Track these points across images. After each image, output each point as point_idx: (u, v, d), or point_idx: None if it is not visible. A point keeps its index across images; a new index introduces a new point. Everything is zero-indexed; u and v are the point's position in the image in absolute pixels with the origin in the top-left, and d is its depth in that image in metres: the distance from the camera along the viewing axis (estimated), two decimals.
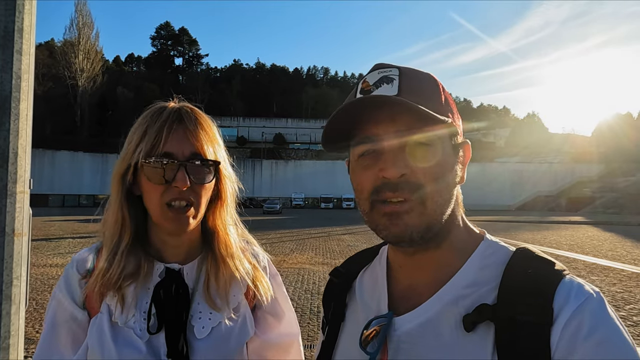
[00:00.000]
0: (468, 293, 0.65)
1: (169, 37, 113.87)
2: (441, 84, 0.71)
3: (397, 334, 0.68)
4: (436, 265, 0.70)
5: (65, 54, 69.13)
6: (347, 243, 15.47)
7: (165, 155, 0.90)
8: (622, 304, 7.02)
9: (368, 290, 0.80)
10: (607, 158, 68.15)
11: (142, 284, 0.95)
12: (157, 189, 0.91)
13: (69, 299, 0.95)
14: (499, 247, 0.70)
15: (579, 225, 27.35)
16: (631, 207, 46.33)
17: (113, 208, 0.96)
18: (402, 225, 0.64)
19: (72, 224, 24.34)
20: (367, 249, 0.91)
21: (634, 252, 13.78)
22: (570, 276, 0.63)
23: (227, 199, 1.04)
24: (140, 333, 0.91)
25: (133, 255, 0.95)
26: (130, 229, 0.96)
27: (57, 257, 11.57)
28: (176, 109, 0.96)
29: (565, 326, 0.57)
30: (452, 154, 0.68)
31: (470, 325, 0.62)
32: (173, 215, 0.91)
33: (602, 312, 0.58)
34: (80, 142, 67.33)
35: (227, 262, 1.02)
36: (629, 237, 19.02)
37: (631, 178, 58.07)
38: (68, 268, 0.99)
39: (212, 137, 0.98)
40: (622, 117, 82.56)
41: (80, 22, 71.04)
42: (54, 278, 8.67)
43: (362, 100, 0.65)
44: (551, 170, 68.57)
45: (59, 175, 61.55)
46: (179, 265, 0.99)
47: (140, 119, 0.96)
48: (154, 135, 0.91)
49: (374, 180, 0.66)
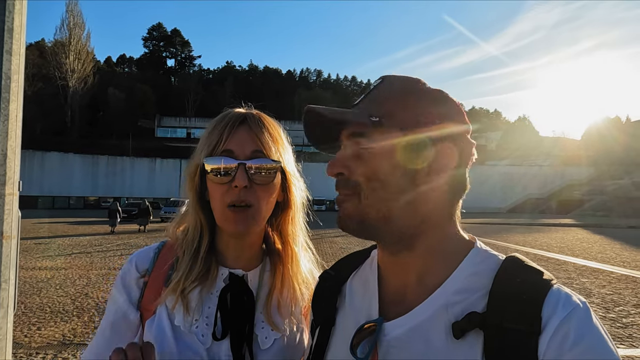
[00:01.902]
0: (458, 300, 0.66)
1: (161, 38, 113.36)
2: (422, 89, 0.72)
3: (387, 339, 0.68)
4: (420, 269, 0.71)
5: (56, 54, 68.51)
6: (339, 245, 15.47)
7: (225, 153, 0.89)
8: (612, 306, 7.09)
9: (358, 294, 0.80)
10: (597, 161, 68.95)
11: (208, 288, 0.92)
12: (218, 188, 0.89)
13: (125, 296, 0.93)
14: (489, 255, 0.71)
15: (569, 228, 27.63)
16: (619, 209, 46.93)
17: (191, 211, 0.95)
18: (341, 212, 0.71)
19: (62, 226, 24.09)
20: (357, 251, 0.90)
21: (623, 254, 13.95)
22: (558, 286, 0.64)
23: (294, 206, 1.00)
24: (202, 339, 0.88)
25: (207, 259, 0.94)
26: (208, 233, 0.95)
27: (46, 259, 11.42)
28: (242, 112, 0.95)
29: (553, 335, 0.58)
30: (405, 158, 0.68)
31: (459, 332, 0.62)
32: (233, 216, 0.89)
33: (587, 322, 0.60)
34: (71, 143, 66.60)
35: (293, 280, 1.00)
36: (618, 239, 19.26)
37: (619, 181, 58.87)
38: (127, 265, 0.97)
39: (276, 138, 0.95)
40: (611, 121, 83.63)
41: (71, 22, 70.49)
42: (43, 281, 8.55)
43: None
44: (541, 173, 69.21)
45: (49, 177, 60.76)
46: (243, 271, 0.97)
47: (209, 124, 0.96)
48: (217, 135, 0.90)
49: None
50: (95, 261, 11.29)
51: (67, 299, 7.12)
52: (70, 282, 8.48)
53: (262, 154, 0.91)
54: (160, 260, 0.96)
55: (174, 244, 0.98)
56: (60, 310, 6.47)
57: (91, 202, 62.85)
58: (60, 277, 9.04)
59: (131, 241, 16.59)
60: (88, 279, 8.89)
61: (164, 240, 1.02)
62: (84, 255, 12.41)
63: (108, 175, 64.92)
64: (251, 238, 0.97)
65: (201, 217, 0.94)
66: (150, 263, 0.96)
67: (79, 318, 6.05)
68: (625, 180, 58.79)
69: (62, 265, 10.57)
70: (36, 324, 5.73)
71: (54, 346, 4.94)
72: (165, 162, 68.58)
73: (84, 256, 12.15)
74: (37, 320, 5.89)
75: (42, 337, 5.24)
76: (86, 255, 12.42)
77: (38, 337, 5.24)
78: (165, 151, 71.58)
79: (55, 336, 5.27)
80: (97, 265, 10.59)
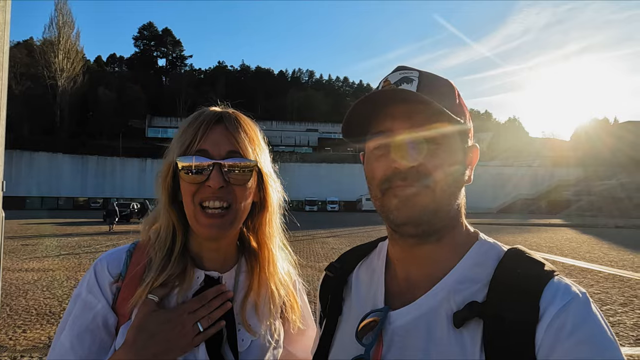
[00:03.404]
0: (460, 289, 0.67)
1: (152, 37, 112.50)
2: (457, 89, 0.74)
3: (391, 327, 0.70)
4: (432, 260, 0.72)
5: (45, 53, 67.70)
6: (331, 246, 15.46)
7: (200, 153, 0.87)
8: (599, 305, 7.17)
9: (364, 284, 0.81)
10: (585, 162, 69.78)
11: (184, 291, 0.90)
12: (190, 187, 0.87)
13: (104, 301, 0.88)
14: (493, 246, 0.73)
15: (558, 228, 27.92)
16: (607, 210, 47.50)
17: (163, 211, 0.93)
18: (411, 206, 0.67)
19: (50, 227, 23.75)
20: (362, 244, 0.91)
21: (611, 254, 14.13)
22: (559, 277, 0.65)
23: (271, 208, 0.99)
24: None
25: (181, 261, 0.91)
26: (182, 233, 0.93)
27: (33, 261, 11.26)
28: (217, 111, 0.92)
29: (550, 325, 0.59)
30: (461, 154, 0.72)
31: (460, 321, 0.63)
32: (207, 220, 0.87)
33: (586, 312, 0.60)
34: (60, 143, 65.80)
35: (269, 281, 0.99)
36: (606, 239, 19.50)
37: (607, 182, 59.65)
38: (98, 269, 0.91)
39: (252, 138, 0.93)
40: (599, 122, 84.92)
41: (61, 21, 69.74)
42: (29, 283, 8.42)
43: (384, 92, 0.68)
44: (531, 174, 69.85)
45: (37, 177, 59.96)
46: (218, 273, 0.95)
47: (182, 122, 0.94)
48: (191, 134, 0.88)
49: (385, 169, 0.69)
50: (84, 262, 11.14)
51: (54, 301, 7.02)
52: (58, 284, 8.36)
53: (238, 154, 0.89)
54: (133, 263, 0.92)
55: (145, 244, 0.95)
56: (47, 312, 6.37)
57: (80, 202, 62.14)
58: (47, 278, 8.90)
59: (120, 242, 16.39)
60: (76, 280, 8.75)
61: (135, 242, 0.98)
62: (72, 256, 12.25)
63: (98, 175, 64.32)
64: (226, 240, 0.95)
65: (174, 218, 0.92)
66: (123, 266, 0.92)
67: None
68: (613, 180, 59.60)
69: (50, 266, 10.42)
70: (22, 327, 5.63)
71: (39, 349, 4.86)
72: (156, 163, 67.94)
73: (72, 257, 12.00)
74: (22, 323, 5.80)
75: (27, 339, 5.16)
76: (74, 256, 12.26)
77: (23, 339, 5.15)
78: (156, 151, 70.88)
79: (41, 339, 5.19)
80: (86, 267, 10.40)
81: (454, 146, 0.70)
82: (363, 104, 0.69)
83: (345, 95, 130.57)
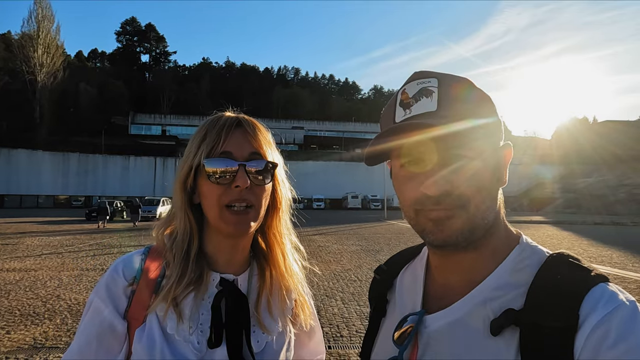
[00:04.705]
0: (497, 295, 0.66)
1: (135, 32, 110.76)
2: (479, 88, 0.71)
3: (427, 331, 0.70)
4: (470, 266, 0.71)
5: (23, 47, 66.05)
6: (317, 244, 15.49)
7: (224, 154, 0.90)
8: None
9: (407, 288, 0.82)
10: (566, 160, 71.34)
11: (201, 294, 0.91)
12: (216, 189, 0.89)
13: (111, 307, 0.89)
14: (534, 250, 0.70)
15: (539, 225, 28.47)
16: (588, 207, 48.64)
17: (180, 215, 0.94)
18: (448, 231, 0.66)
19: (30, 226, 23.24)
20: (408, 247, 0.93)
21: (590, 249, 14.49)
22: (606, 284, 0.62)
23: (282, 206, 1.01)
24: (198, 347, 0.87)
25: (198, 264, 0.93)
26: (197, 236, 0.94)
27: (14, 261, 11.02)
28: (234, 116, 0.96)
29: (591, 333, 0.56)
30: (494, 160, 0.69)
31: (497, 328, 0.62)
32: (234, 218, 0.89)
33: (632, 322, 0.57)
34: (39, 140, 64.34)
35: (282, 280, 1.01)
36: (585, 235, 19.96)
37: (588, 179, 61.07)
38: (112, 273, 0.92)
39: (268, 141, 0.98)
40: (579, 121, 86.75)
41: (40, 14, 68.12)
42: (11, 283, 8.25)
43: (402, 127, 0.66)
44: (515, 172, 70.97)
45: (16, 175, 58.59)
46: (233, 275, 0.96)
47: (199, 128, 0.96)
48: (214, 137, 0.91)
49: (415, 192, 0.67)
50: (67, 262, 10.93)
51: (37, 301, 6.89)
52: (41, 284, 8.21)
53: (259, 156, 0.93)
54: (148, 267, 0.93)
55: (160, 248, 0.96)
56: (31, 313, 6.25)
57: (61, 201, 60.89)
58: (30, 278, 8.72)
59: (104, 241, 16.18)
60: (60, 280, 8.61)
61: (149, 246, 0.99)
62: (55, 255, 12.02)
63: (79, 173, 63.10)
64: (245, 240, 0.97)
65: (191, 220, 0.94)
66: (137, 270, 0.93)
67: (50, 321, 5.87)
68: (594, 177, 61.03)
69: (32, 266, 10.20)
70: (5, 328, 5.52)
71: (24, 350, 4.77)
72: (139, 160, 67.15)
73: (54, 257, 11.77)
74: (6, 324, 5.68)
75: (11, 340, 5.06)
76: (57, 255, 12.03)
77: (7, 341, 5.05)
78: (140, 149, 70.07)
79: (25, 340, 5.09)
80: (69, 266, 10.25)
81: (484, 155, 0.67)
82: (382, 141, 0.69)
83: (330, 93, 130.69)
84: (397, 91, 0.73)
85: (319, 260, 11.37)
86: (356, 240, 17.09)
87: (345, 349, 4.91)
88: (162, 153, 69.80)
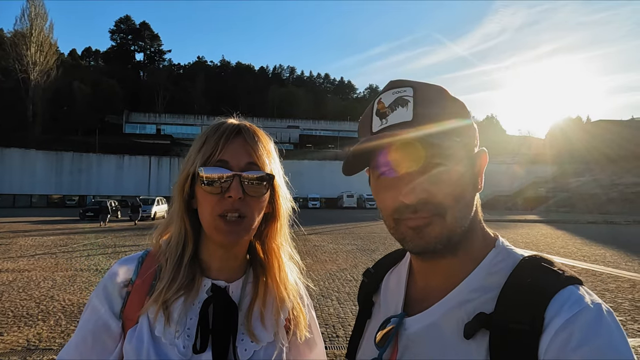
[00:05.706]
0: (472, 298, 0.67)
1: (129, 31, 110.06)
2: (453, 96, 0.73)
3: (406, 333, 0.72)
4: (449, 270, 0.72)
5: (16, 45, 65.26)
6: (313, 243, 15.49)
7: (220, 163, 0.90)
8: None
9: (391, 290, 0.84)
10: (560, 159, 71.73)
11: (191, 299, 0.92)
12: (210, 198, 0.90)
13: (106, 306, 0.92)
14: (509, 254, 0.72)
15: (533, 224, 28.64)
16: (581, 206, 48.91)
17: (176, 219, 0.95)
18: (426, 237, 0.67)
19: (23, 225, 23.05)
20: (396, 250, 0.94)
21: (583, 249, 14.60)
22: (575, 287, 0.62)
23: (281, 218, 1.01)
24: (183, 351, 0.88)
25: (191, 269, 0.94)
26: (193, 240, 0.96)
27: (7, 261, 10.93)
28: (236, 123, 0.96)
29: (555, 336, 0.56)
30: (469, 167, 0.71)
31: (469, 332, 0.63)
32: (225, 227, 0.89)
33: (597, 324, 0.57)
34: (32, 139, 63.79)
35: (277, 291, 1.01)
36: (579, 234, 20.12)
37: (581, 179, 61.46)
38: (110, 274, 0.96)
39: (269, 151, 0.97)
40: (572, 120, 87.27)
41: (33, 12, 67.33)
42: (4, 284, 8.18)
43: (380, 139, 0.68)
44: (509, 171, 71.25)
45: (9, 174, 58.00)
46: (225, 282, 0.97)
47: (200, 133, 0.97)
48: (212, 145, 0.91)
49: (394, 202, 0.68)
50: (61, 262, 10.87)
51: (31, 302, 6.84)
52: (35, 285, 8.15)
53: (256, 167, 0.92)
54: (144, 269, 0.96)
55: (157, 252, 0.98)
56: (24, 314, 6.21)
57: (55, 200, 60.34)
58: (23, 279, 8.66)
59: (98, 241, 16.08)
60: (53, 281, 8.56)
61: (148, 249, 1.02)
62: (49, 256, 11.94)
63: (73, 172, 62.51)
64: (238, 249, 0.98)
65: (187, 225, 0.95)
66: (133, 272, 0.96)
67: (44, 322, 5.83)
68: (586, 177, 61.45)
69: (25, 267, 10.14)
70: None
71: (18, 352, 4.74)
72: (133, 159, 66.67)
73: (48, 257, 11.69)
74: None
75: (4, 342, 5.03)
76: (51, 256, 11.95)
77: (0, 343, 5.01)
78: (134, 148, 69.65)
79: (19, 341, 5.06)
80: (63, 267, 10.19)
81: (460, 162, 0.69)
82: (359, 151, 0.71)
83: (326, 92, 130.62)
84: (374, 100, 0.74)
85: (315, 260, 11.37)
86: (352, 239, 17.12)
87: (342, 349, 4.92)
88: (157, 152, 69.40)
